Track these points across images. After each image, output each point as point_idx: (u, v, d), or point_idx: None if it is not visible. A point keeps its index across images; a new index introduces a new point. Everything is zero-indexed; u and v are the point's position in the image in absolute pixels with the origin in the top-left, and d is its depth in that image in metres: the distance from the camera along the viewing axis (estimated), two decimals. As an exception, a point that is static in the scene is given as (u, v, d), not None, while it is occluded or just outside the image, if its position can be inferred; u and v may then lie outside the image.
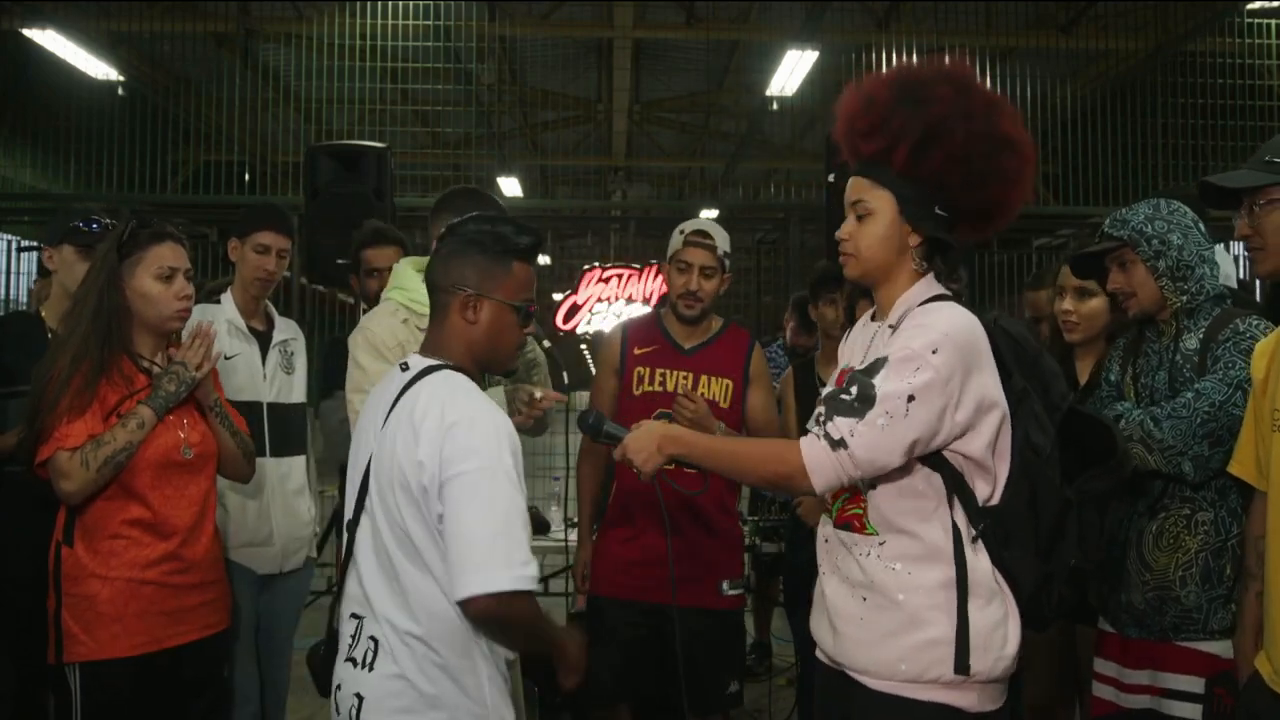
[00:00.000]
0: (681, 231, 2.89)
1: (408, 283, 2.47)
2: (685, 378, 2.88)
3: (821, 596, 1.90)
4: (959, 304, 1.82)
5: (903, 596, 1.74)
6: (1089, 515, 1.79)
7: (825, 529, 1.92)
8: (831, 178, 4.71)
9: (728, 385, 2.88)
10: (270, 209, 3.14)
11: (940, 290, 1.84)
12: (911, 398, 1.67)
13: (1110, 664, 2.25)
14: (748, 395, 2.91)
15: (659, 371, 2.89)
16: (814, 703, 1.99)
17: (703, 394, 2.84)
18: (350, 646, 1.81)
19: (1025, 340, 1.82)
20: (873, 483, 1.78)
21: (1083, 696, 2.61)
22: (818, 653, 1.93)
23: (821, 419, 1.73)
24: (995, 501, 1.76)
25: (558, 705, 3.78)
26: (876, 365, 1.73)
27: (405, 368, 1.86)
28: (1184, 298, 2.15)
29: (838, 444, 1.69)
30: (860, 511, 1.81)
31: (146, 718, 2.24)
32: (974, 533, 1.74)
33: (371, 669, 1.75)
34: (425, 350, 1.89)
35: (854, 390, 1.71)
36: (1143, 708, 2.17)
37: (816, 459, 1.71)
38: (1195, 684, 2.09)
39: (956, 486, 1.75)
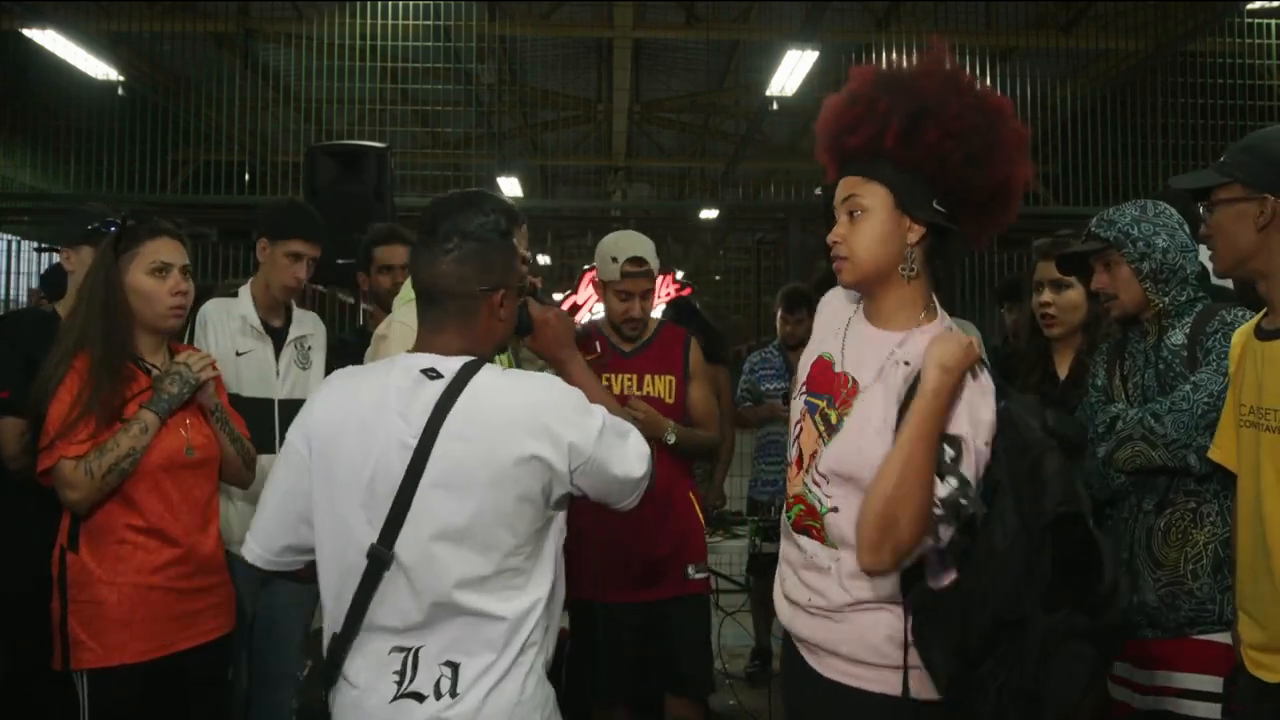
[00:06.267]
0: (615, 260, 2.91)
1: None
2: (630, 379, 2.97)
3: (780, 579, 1.83)
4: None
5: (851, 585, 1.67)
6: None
7: (784, 522, 1.83)
8: (819, 191, 4.77)
9: (670, 381, 2.99)
10: (302, 213, 3.05)
11: (948, 321, 1.74)
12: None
13: (1124, 665, 2.21)
14: (689, 390, 3.02)
15: (605, 376, 2.94)
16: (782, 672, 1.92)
17: (648, 392, 2.96)
18: None
19: (1030, 434, 1.63)
20: (836, 506, 1.69)
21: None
22: (779, 619, 1.85)
23: None
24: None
25: (557, 704, 3.78)
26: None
27: (435, 375, 1.60)
28: (1166, 299, 2.18)
29: None
30: (818, 525, 1.73)
31: None
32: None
33: None
34: (438, 351, 1.63)
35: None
36: (1158, 709, 2.14)
37: None
38: (1213, 684, 2.06)
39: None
